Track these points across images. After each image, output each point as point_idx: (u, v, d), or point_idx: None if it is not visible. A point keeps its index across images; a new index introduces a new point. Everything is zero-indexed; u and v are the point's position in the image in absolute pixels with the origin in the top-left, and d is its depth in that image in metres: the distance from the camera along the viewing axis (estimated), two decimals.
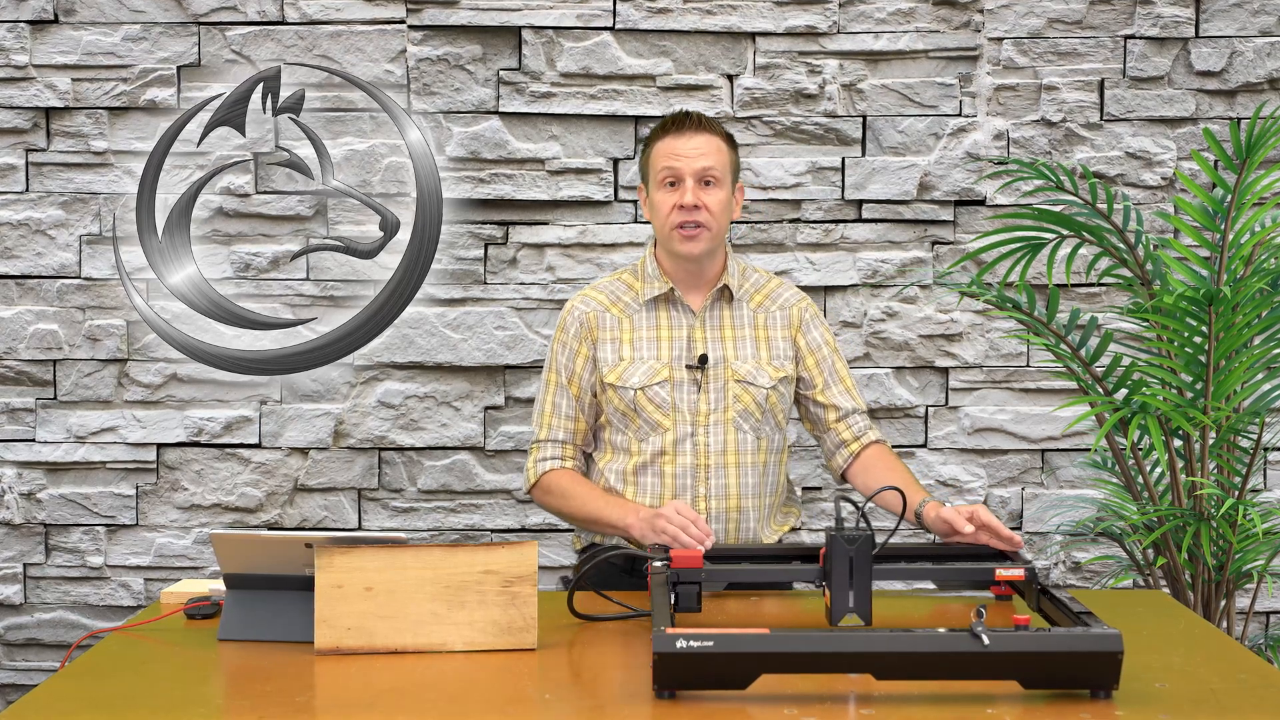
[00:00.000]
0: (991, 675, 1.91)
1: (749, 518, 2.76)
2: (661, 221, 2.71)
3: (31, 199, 3.73)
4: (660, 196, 2.71)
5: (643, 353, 2.75)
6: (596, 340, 2.76)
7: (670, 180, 2.69)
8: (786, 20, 3.69)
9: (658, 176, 2.71)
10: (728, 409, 2.74)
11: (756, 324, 2.79)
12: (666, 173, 2.69)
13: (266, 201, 3.73)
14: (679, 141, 2.69)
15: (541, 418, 2.81)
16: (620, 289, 2.81)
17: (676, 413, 2.72)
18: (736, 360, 2.75)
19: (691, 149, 2.68)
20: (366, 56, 3.70)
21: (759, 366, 2.76)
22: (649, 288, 2.77)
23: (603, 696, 2.01)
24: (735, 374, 2.74)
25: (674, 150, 2.69)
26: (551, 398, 2.80)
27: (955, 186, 3.73)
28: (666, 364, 2.73)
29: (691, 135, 2.69)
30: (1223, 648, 2.22)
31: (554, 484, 2.77)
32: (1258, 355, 3.06)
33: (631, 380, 2.73)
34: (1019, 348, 3.76)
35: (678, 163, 2.68)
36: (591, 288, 2.84)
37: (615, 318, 2.77)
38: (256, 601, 2.24)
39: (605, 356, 2.75)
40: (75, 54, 3.69)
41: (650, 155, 2.74)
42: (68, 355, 3.74)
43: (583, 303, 2.80)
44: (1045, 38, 3.70)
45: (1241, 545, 3.05)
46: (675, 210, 2.68)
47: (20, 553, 3.78)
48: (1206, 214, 3.13)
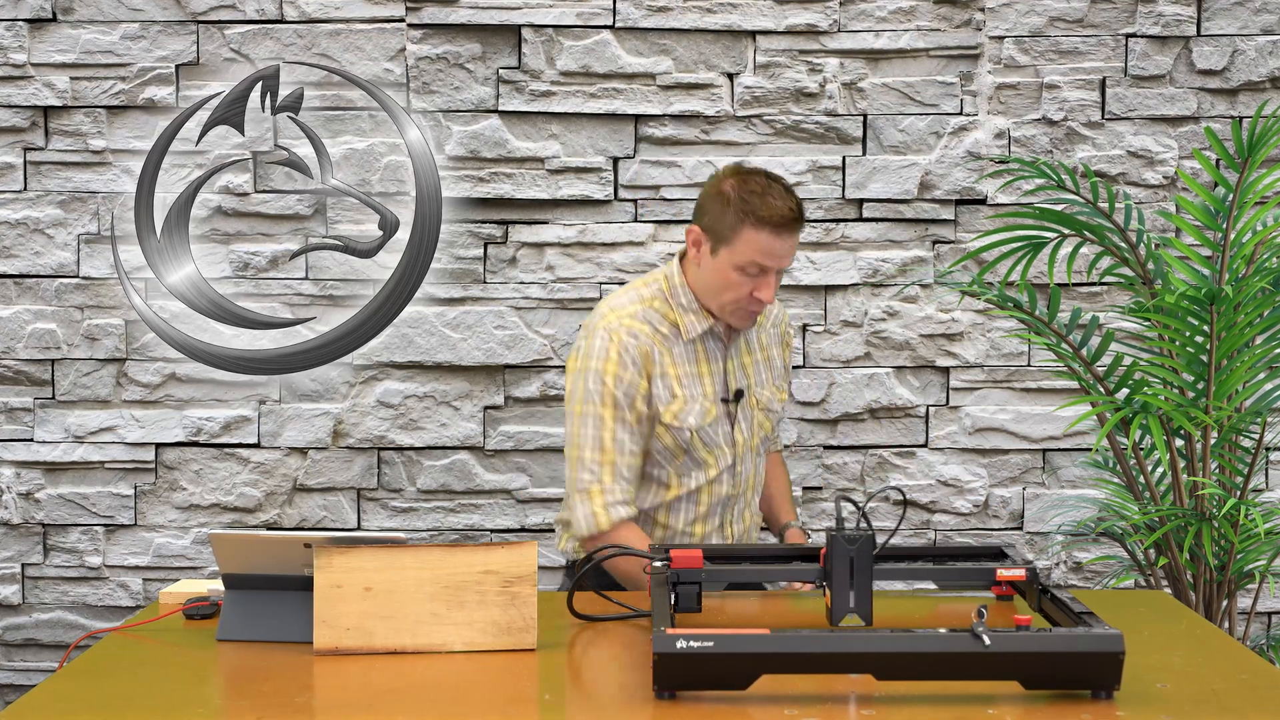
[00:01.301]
0: (993, 676, 1.90)
1: (752, 533, 2.88)
2: (728, 296, 2.65)
3: (30, 198, 3.72)
4: (738, 278, 2.63)
5: (692, 390, 2.71)
6: (651, 375, 2.67)
7: (754, 271, 2.63)
8: (787, 19, 3.69)
9: (741, 260, 2.61)
10: (754, 437, 2.80)
11: (761, 345, 2.84)
12: (754, 266, 2.62)
13: (265, 200, 3.72)
14: (779, 243, 2.61)
15: (603, 455, 2.66)
16: (656, 318, 2.71)
17: (719, 449, 2.75)
18: (757, 387, 2.80)
19: (787, 250, 2.62)
20: (366, 55, 3.70)
21: (773, 392, 2.84)
22: (693, 322, 2.70)
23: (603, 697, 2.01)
24: (759, 402, 2.80)
25: (773, 250, 2.61)
26: (612, 433, 2.64)
27: (956, 185, 3.72)
28: (713, 401, 2.72)
29: (791, 235, 2.62)
30: (1224, 648, 2.22)
31: (623, 535, 2.65)
32: (1259, 355, 3.06)
33: (688, 421, 2.69)
34: (1020, 347, 3.75)
35: (770, 261, 2.62)
36: (629, 316, 2.70)
37: (661, 351, 2.69)
38: (255, 602, 2.24)
39: (659, 393, 2.68)
40: (74, 52, 3.68)
41: (740, 234, 2.61)
42: (66, 355, 3.74)
43: (631, 335, 2.67)
44: (1046, 36, 3.70)
45: (1243, 545, 3.05)
46: (751, 297, 2.64)
47: (18, 553, 3.77)
48: (1208, 213, 3.12)
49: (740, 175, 2.67)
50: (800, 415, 3.77)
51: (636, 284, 2.78)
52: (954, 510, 3.78)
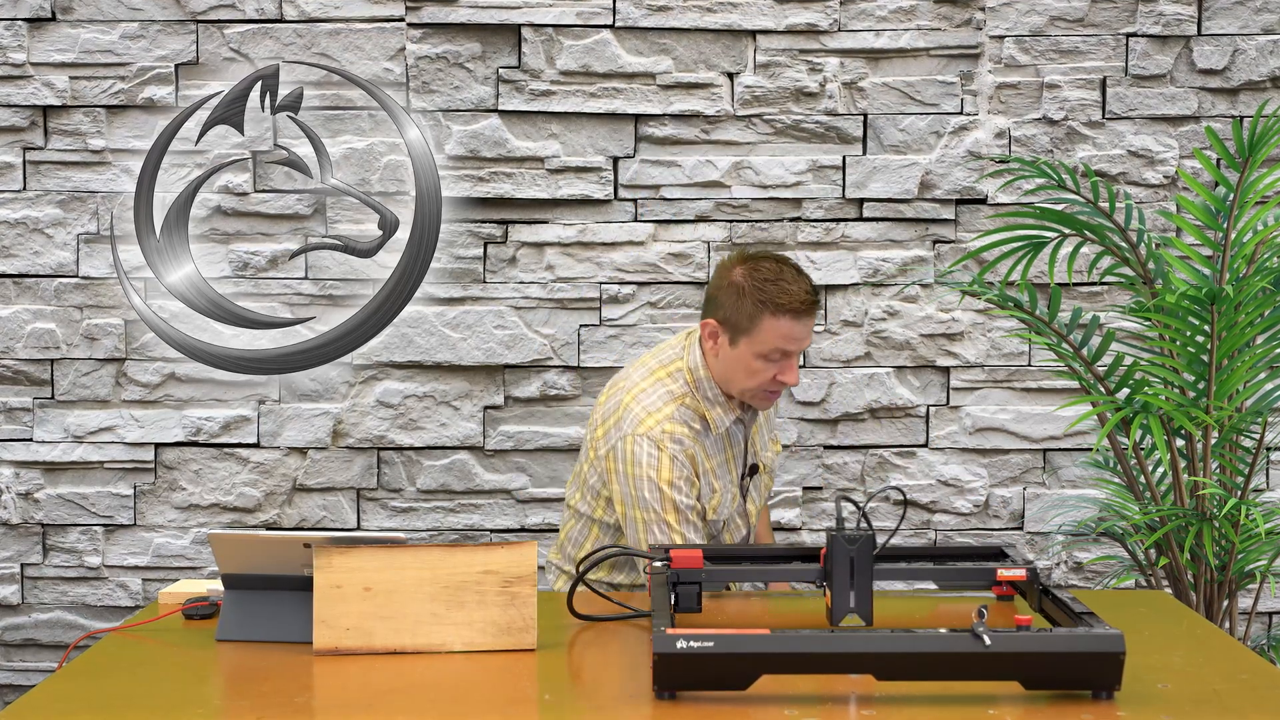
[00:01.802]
0: (993, 676, 1.90)
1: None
2: (752, 383, 2.65)
3: (29, 198, 3.72)
4: (760, 365, 2.63)
5: (724, 480, 2.73)
6: (698, 474, 2.68)
7: (776, 357, 2.63)
8: (787, 18, 3.68)
9: (765, 349, 2.61)
10: (760, 502, 2.85)
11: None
12: (777, 351, 2.62)
13: (265, 200, 3.72)
14: (800, 327, 2.62)
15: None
16: (689, 416, 2.68)
17: (736, 526, 2.78)
18: (761, 452, 2.83)
19: (806, 332, 2.64)
20: (365, 54, 3.69)
21: (771, 448, 2.88)
22: (720, 416, 2.69)
23: (603, 697, 2.00)
24: (765, 467, 2.83)
25: (795, 335, 2.62)
26: (682, 537, 2.63)
27: (956, 185, 3.72)
28: (736, 484, 2.75)
29: (810, 318, 2.63)
30: (1225, 648, 2.22)
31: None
32: (1260, 354, 3.05)
33: (723, 513, 2.73)
34: (1020, 347, 3.75)
35: (793, 346, 2.63)
36: (667, 419, 2.66)
37: (699, 450, 2.68)
38: (255, 602, 2.23)
39: (704, 490, 2.70)
40: (73, 52, 3.68)
41: (760, 324, 2.61)
42: (65, 355, 3.73)
43: (675, 441, 2.64)
44: (1047, 36, 3.69)
45: (1244, 545, 3.04)
46: (775, 381, 2.65)
47: (18, 553, 3.77)
48: (1209, 213, 3.12)
49: (749, 263, 2.66)
50: (800, 415, 3.76)
51: (659, 373, 2.73)
52: (954, 510, 3.78)
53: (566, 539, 2.83)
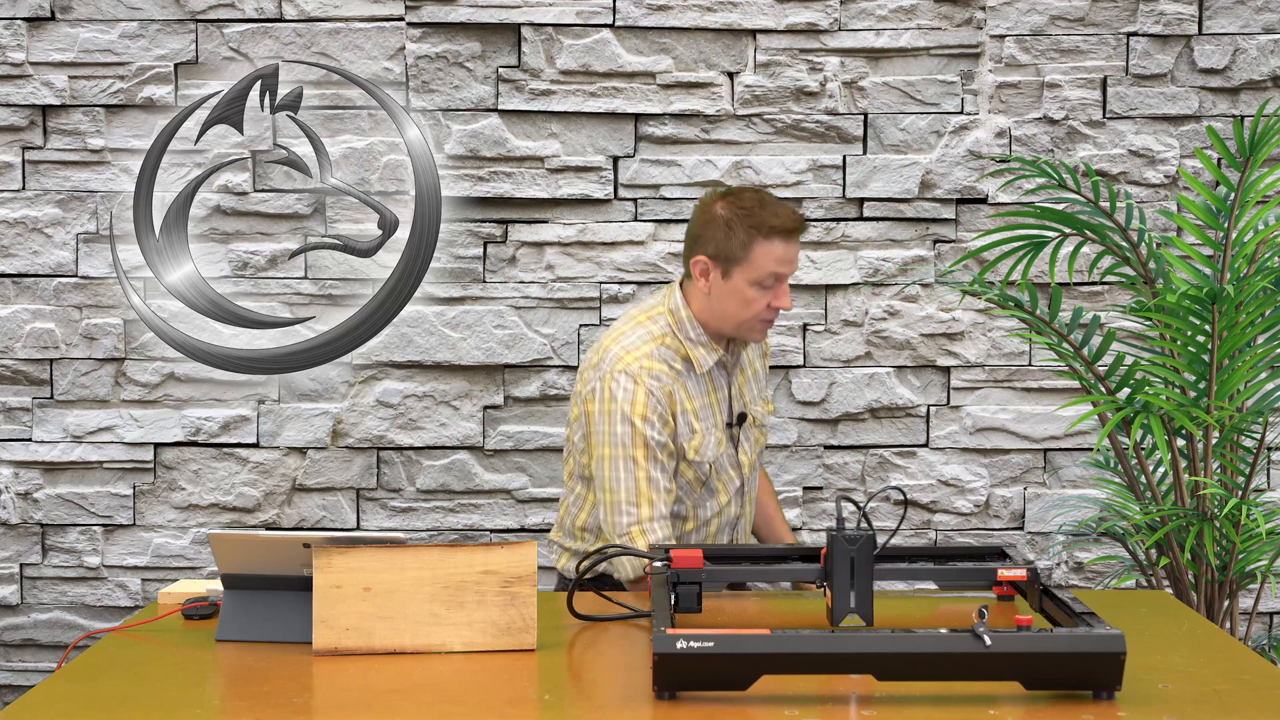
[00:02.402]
0: (994, 676, 1.90)
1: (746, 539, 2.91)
2: (748, 313, 2.67)
3: (28, 197, 3.71)
4: (755, 293, 2.65)
5: (707, 423, 2.72)
6: (675, 413, 2.68)
7: (770, 283, 2.65)
8: (787, 17, 3.68)
9: (759, 274, 2.63)
10: (752, 454, 2.83)
11: (749, 359, 2.86)
12: (771, 276, 2.64)
13: (264, 200, 3.72)
14: (792, 248, 2.65)
15: (639, 496, 2.63)
16: (669, 355, 2.70)
17: (727, 475, 2.77)
18: (751, 405, 2.83)
19: (796, 254, 2.68)
20: (365, 54, 3.69)
21: (762, 405, 2.87)
22: (704, 355, 2.71)
23: (603, 697, 2.00)
24: (754, 419, 2.82)
25: (788, 257, 2.65)
26: (647, 473, 2.63)
27: (957, 184, 3.71)
28: (723, 430, 2.75)
29: (798, 239, 2.67)
30: (1226, 648, 2.21)
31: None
32: (1261, 354, 3.05)
33: (707, 454, 2.71)
34: (1021, 347, 3.74)
35: (786, 269, 2.65)
36: (646, 356, 2.68)
37: (678, 389, 2.69)
38: (254, 602, 2.23)
39: (682, 430, 2.69)
40: (72, 51, 3.67)
41: (753, 251, 2.63)
42: (64, 354, 3.73)
43: (653, 376, 2.65)
44: (1047, 35, 3.69)
45: (1245, 545, 3.04)
46: (769, 309, 2.67)
47: (17, 553, 3.77)
48: (1210, 212, 3.12)
49: (730, 196, 2.69)
50: (800, 415, 3.76)
51: (639, 318, 2.75)
52: (955, 510, 3.77)
53: (565, 513, 2.84)
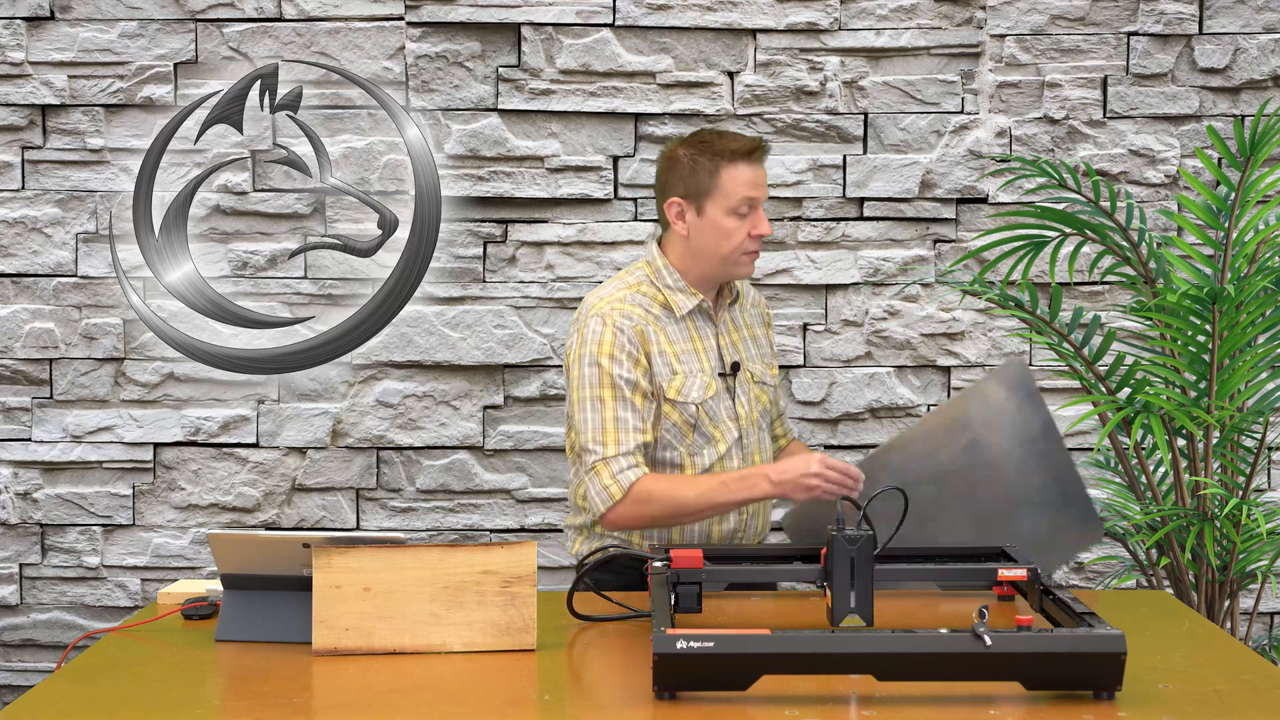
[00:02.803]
0: (994, 676, 1.90)
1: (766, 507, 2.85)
2: (730, 245, 2.69)
3: (27, 197, 3.71)
4: (732, 222, 2.67)
5: (690, 366, 2.72)
6: (649, 354, 2.68)
7: (745, 210, 2.68)
8: (787, 17, 3.68)
9: (732, 202, 2.67)
10: (753, 410, 2.80)
11: (745, 323, 2.87)
12: (744, 201, 2.67)
13: (264, 199, 3.71)
14: (756, 172, 2.69)
15: (604, 435, 2.63)
16: (645, 301, 2.72)
17: (723, 423, 2.75)
18: (749, 361, 2.82)
19: (764, 177, 2.71)
20: (365, 53, 3.69)
21: (764, 366, 2.86)
22: (683, 300, 2.73)
23: (602, 697, 2.00)
24: (753, 375, 2.82)
25: (755, 180, 2.69)
26: (614, 412, 2.63)
27: (957, 184, 3.71)
28: (711, 376, 2.74)
29: (762, 161, 2.71)
30: (1226, 648, 2.21)
31: (648, 489, 2.62)
32: (1262, 354, 3.05)
33: (691, 395, 2.71)
34: (1021, 346, 3.74)
35: (756, 193, 2.68)
36: (620, 300, 2.71)
37: (655, 331, 2.70)
38: (254, 602, 2.23)
39: (660, 370, 2.69)
40: (71, 51, 3.67)
41: (720, 179, 2.67)
42: (64, 354, 3.73)
43: (624, 317, 2.68)
44: (1048, 34, 3.69)
45: (1245, 545, 3.04)
46: (751, 238, 2.69)
47: (16, 553, 3.76)
48: (1210, 212, 3.11)
49: (687, 139, 2.76)
50: (801, 415, 3.76)
51: (619, 275, 2.82)
52: None
53: (570, 490, 2.83)
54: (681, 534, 2.74)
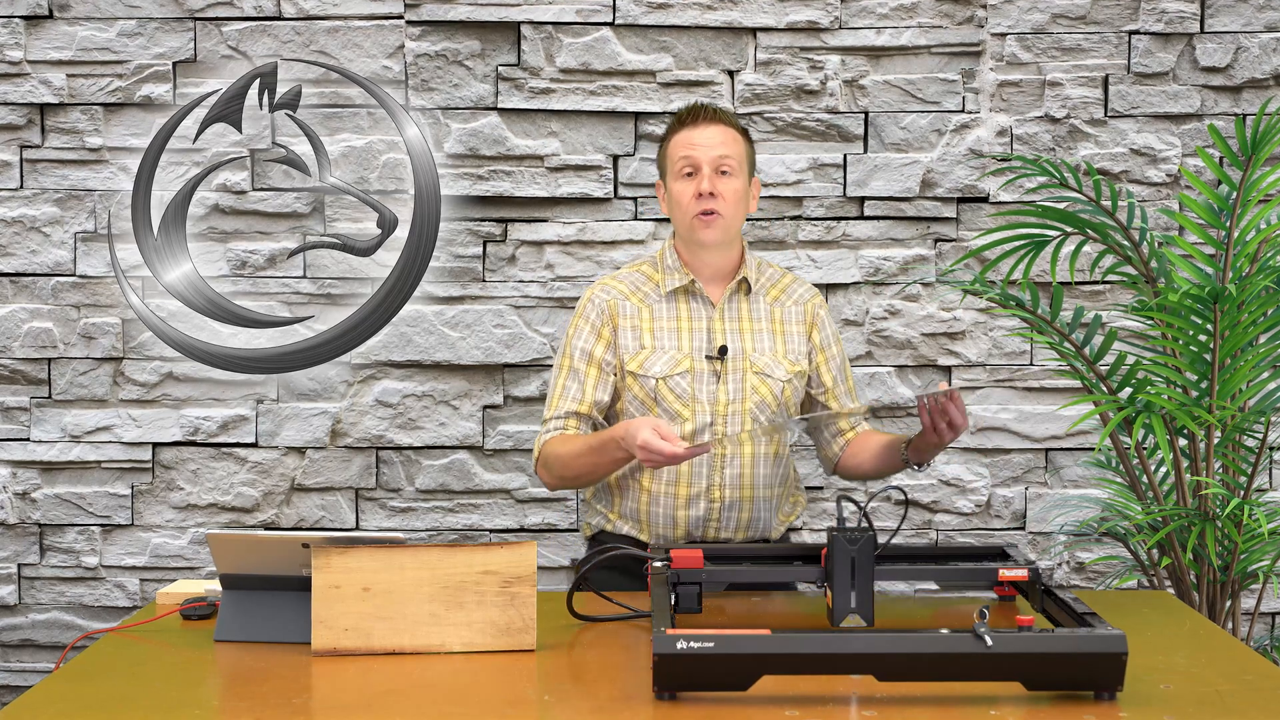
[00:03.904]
0: (995, 676, 1.90)
1: (760, 508, 2.79)
2: (682, 211, 2.75)
3: (26, 196, 3.71)
4: (679, 186, 2.74)
5: (664, 342, 2.76)
6: (617, 326, 2.77)
7: (688, 170, 2.73)
8: (788, 15, 3.67)
9: (676, 167, 2.75)
10: (745, 400, 2.77)
11: (773, 318, 2.83)
12: (684, 163, 2.73)
13: (263, 199, 3.71)
14: (695, 132, 2.74)
15: (550, 402, 2.79)
16: (640, 279, 2.82)
17: (696, 403, 2.74)
18: (755, 353, 2.79)
19: (708, 138, 2.73)
20: (364, 52, 3.68)
21: (776, 360, 2.81)
22: (670, 279, 2.79)
23: (602, 698, 1.99)
24: (754, 366, 2.79)
25: (691, 140, 2.74)
26: (563, 381, 2.78)
27: (958, 183, 3.71)
28: (688, 354, 2.76)
29: (708, 126, 2.74)
30: (1228, 649, 2.21)
31: (550, 450, 2.74)
32: (1263, 354, 3.04)
33: (653, 369, 2.74)
34: (1022, 346, 3.74)
35: (695, 152, 2.72)
36: (611, 277, 2.85)
37: (635, 306, 2.78)
38: (253, 602, 2.23)
39: (626, 343, 2.76)
40: (70, 50, 3.66)
41: (668, 148, 2.78)
42: (63, 354, 3.72)
43: (603, 290, 2.81)
44: (1049, 33, 3.68)
45: (1247, 545, 3.03)
46: (694, 199, 2.72)
47: (15, 553, 3.76)
48: (1212, 211, 3.11)
49: None
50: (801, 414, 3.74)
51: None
52: (956, 510, 3.77)
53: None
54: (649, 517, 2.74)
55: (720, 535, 2.76)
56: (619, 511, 2.79)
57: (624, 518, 2.78)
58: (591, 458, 2.67)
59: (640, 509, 2.76)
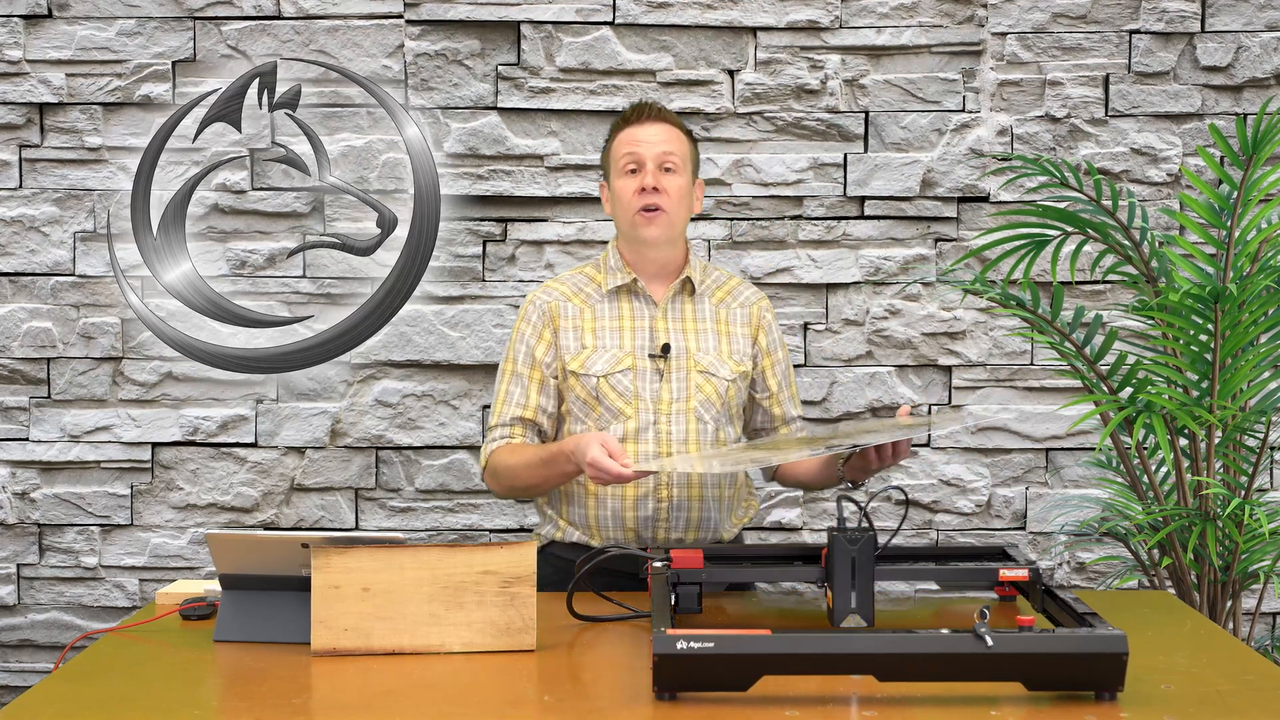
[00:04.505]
0: (995, 677, 1.89)
1: (710, 508, 2.76)
2: (624, 208, 2.75)
3: (25, 195, 3.70)
4: (622, 184, 2.74)
5: (605, 341, 2.76)
6: (558, 328, 2.77)
7: (631, 167, 2.73)
8: (788, 15, 3.67)
9: (619, 164, 2.75)
10: (689, 399, 2.75)
11: (718, 318, 2.82)
12: (628, 159, 2.73)
13: (263, 198, 3.70)
14: (639, 130, 2.75)
15: (495, 408, 2.79)
16: (582, 281, 2.83)
17: (639, 401, 2.72)
18: (698, 351, 2.78)
19: (652, 135, 2.74)
20: (364, 51, 3.68)
21: (720, 359, 2.79)
22: (611, 278, 2.79)
23: (602, 698, 1.99)
24: (698, 364, 2.77)
25: (634, 138, 2.74)
26: (506, 386, 2.78)
27: (958, 183, 3.70)
28: (629, 353, 2.75)
29: (652, 124, 2.75)
30: (1229, 649, 2.21)
31: (498, 459, 2.74)
32: (1264, 353, 3.04)
33: (594, 368, 2.74)
34: (1023, 346, 3.73)
35: (639, 149, 2.73)
36: (553, 280, 2.85)
37: (577, 307, 2.79)
38: (252, 602, 2.22)
39: (567, 344, 2.76)
40: (69, 49, 3.66)
41: (611, 147, 2.79)
42: (62, 353, 3.72)
43: (544, 293, 2.82)
44: (1049, 32, 3.68)
45: (1248, 545, 3.03)
46: (637, 195, 2.72)
47: (14, 553, 3.76)
48: (1212, 210, 3.10)
49: None
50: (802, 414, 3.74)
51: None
52: (956, 510, 3.76)
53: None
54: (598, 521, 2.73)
55: (671, 536, 2.73)
56: (567, 518, 2.78)
57: (573, 525, 2.76)
58: (541, 470, 2.67)
59: (588, 515, 2.74)
